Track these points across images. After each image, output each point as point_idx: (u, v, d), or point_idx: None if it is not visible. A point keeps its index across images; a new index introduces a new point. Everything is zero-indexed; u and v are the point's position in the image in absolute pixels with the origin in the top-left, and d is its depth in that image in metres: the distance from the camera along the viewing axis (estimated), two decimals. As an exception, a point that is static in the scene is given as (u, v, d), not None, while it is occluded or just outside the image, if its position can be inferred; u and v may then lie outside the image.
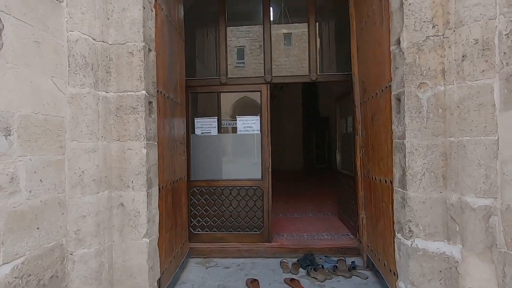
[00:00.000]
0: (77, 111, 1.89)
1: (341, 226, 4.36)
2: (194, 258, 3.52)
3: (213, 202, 3.70)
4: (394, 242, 2.25)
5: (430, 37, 1.96)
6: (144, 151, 2.08)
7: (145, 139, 2.08)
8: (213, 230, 3.70)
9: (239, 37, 14.54)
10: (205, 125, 3.73)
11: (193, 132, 3.74)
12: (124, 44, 2.08)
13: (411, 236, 2.01)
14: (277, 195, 3.56)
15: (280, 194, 6.98)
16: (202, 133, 3.74)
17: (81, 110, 1.90)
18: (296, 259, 3.40)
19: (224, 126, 3.92)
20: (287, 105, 13.88)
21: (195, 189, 3.70)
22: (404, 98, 2.01)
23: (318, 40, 3.80)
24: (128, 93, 2.08)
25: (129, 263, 2.07)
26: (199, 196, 3.70)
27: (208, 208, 3.70)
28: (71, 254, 1.86)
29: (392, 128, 2.21)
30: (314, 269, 3.10)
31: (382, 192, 2.54)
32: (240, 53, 14.89)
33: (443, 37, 1.94)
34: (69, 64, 1.86)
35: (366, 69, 2.91)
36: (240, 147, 3.80)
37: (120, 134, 2.09)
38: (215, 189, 3.69)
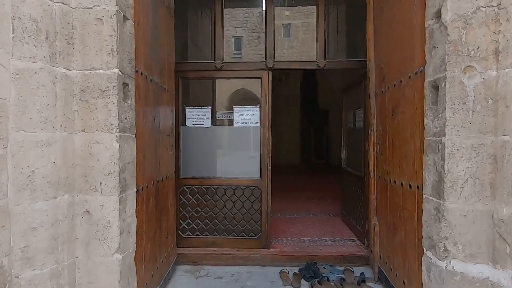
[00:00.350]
0: (26, 92, 1.44)
1: (345, 229, 3.99)
2: (182, 265, 3.13)
3: (205, 202, 3.29)
4: (419, 259, 1.87)
5: (481, 7, 1.55)
6: (117, 145, 1.65)
7: (117, 130, 1.65)
8: (204, 234, 3.30)
9: (236, 26, 13.98)
10: (198, 116, 3.30)
11: (184, 123, 3.30)
12: (91, 8, 1.62)
13: (446, 257, 1.63)
14: (274, 191, 3.17)
15: (277, 191, 6.60)
16: (193, 124, 3.31)
17: (31, 90, 1.45)
18: (297, 269, 3.03)
19: (219, 118, 3.49)
20: (285, 98, 13.46)
21: (185, 188, 3.29)
22: (444, 85, 1.60)
23: (326, 23, 3.36)
24: (97, 71, 1.64)
25: (96, 285, 1.66)
26: (190, 196, 3.29)
27: (200, 209, 3.29)
28: (17, 277, 1.43)
29: (425, 123, 1.80)
30: (319, 282, 2.72)
31: (404, 199, 2.15)
32: (238, 43, 14.39)
33: (498, 8, 1.53)
34: (13, 29, 1.41)
35: (386, 53, 2.48)
36: (236, 141, 3.38)
37: (86, 124, 1.65)
38: (208, 188, 3.28)
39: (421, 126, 1.87)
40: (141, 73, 2.01)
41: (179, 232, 3.29)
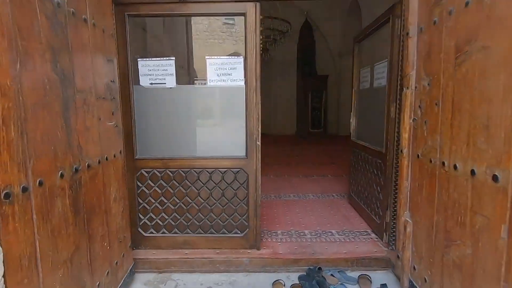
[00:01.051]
0: None
1: (355, 216, 3.22)
2: (144, 273, 2.35)
3: (172, 191, 2.43)
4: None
5: None
6: None
7: None
8: (173, 231, 2.49)
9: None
10: (156, 72, 2.33)
11: (137, 82, 2.35)
12: None
13: None
14: (266, 166, 2.30)
15: (271, 166, 5.82)
16: (151, 84, 2.35)
17: None
18: (296, 276, 2.28)
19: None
20: (281, 63, 12.37)
21: (144, 172, 2.41)
22: None
23: None
24: None
25: None
26: (151, 182, 2.43)
27: (165, 200, 2.45)
28: None
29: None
30: (327, 301, 1.98)
31: (475, 196, 1.31)
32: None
33: None
34: None
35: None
36: (212, 107, 2.46)
37: None
38: (175, 172, 2.40)
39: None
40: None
41: (140, 229, 2.47)
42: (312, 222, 3.10)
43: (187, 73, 3.14)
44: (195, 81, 3.08)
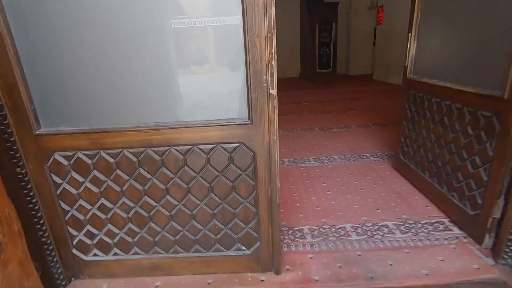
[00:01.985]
0: None
1: (410, 191, 2.19)
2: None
3: (118, 188, 1.34)
4: None
5: None
6: None
7: None
8: (132, 252, 1.46)
9: None
10: None
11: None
12: None
13: None
14: None
15: (278, 116, 4.67)
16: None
17: None
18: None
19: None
20: (280, -9, 10.33)
21: (60, 158, 1.29)
22: None
23: None
24: None
25: None
26: (77, 176, 1.32)
27: (109, 204, 1.37)
28: None
29: None
30: None
31: None
32: None
33: None
34: None
35: None
36: (176, 25, 1.21)
37: None
38: (118, 155, 1.28)
39: None
40: None
41: (75, 251, 1.45)
42: (351, 206, 2.07)
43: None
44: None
